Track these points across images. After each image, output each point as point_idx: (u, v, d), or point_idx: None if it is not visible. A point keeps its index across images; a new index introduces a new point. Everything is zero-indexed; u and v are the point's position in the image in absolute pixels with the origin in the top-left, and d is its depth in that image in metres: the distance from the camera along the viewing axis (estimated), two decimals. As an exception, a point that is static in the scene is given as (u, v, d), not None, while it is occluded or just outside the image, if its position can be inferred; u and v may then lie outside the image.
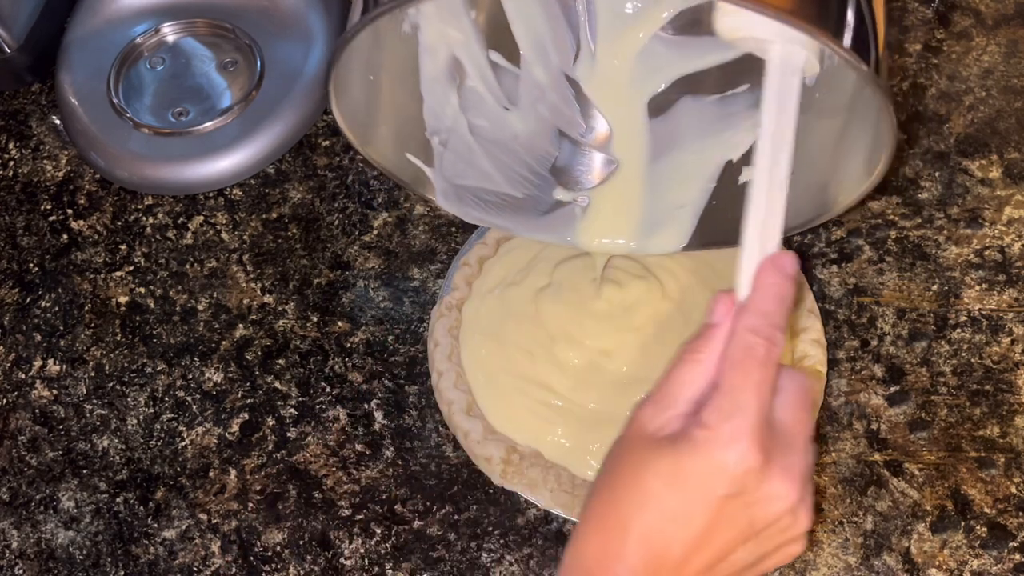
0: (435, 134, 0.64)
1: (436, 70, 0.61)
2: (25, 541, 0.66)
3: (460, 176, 0.66)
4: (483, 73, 0.62)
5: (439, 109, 0.63)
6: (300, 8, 0.82)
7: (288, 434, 0.68)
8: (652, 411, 0.47)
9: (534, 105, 0.64)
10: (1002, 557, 0.63)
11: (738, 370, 0.45)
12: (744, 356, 0.46)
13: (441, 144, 0.65)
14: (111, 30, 0.82)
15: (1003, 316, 0.71)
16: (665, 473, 0.45)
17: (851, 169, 0.58)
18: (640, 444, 0.46)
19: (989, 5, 0.83)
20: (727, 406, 0.45)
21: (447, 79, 0.62)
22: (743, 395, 0.44)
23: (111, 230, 0.77)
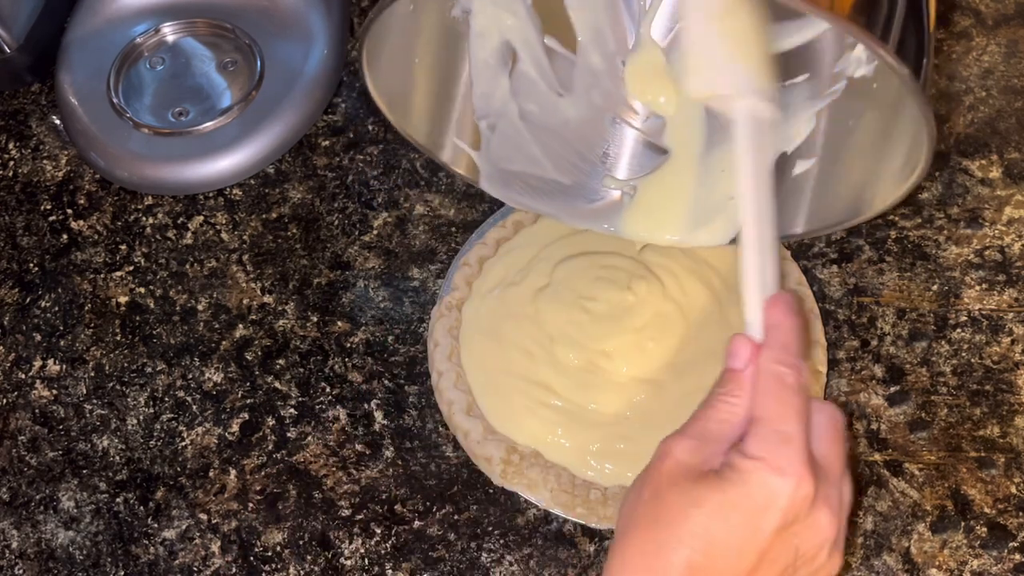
0: (483, 118, 0.64)
1: (488, 55, 0.61)
2: (25, 541, 0.66)
3: (507, 161, 0.66)
4: (537, 59, 0.62)
5: (489, 93, 0.63)
6: (300, 8, 0.82)
7: (288, 434, 0.68)
8: (692, 446, 0.46)
9: (588, 92, 0.64)
10: (1002, 557, 0.63)
11: (775, 400, 0.45)
12: (778, 386, 0.46)
13: (489, 128, 0.64)
14: (111, 30, 0.82)
15: (1003, 316, 0.71)
16: (714, 507, 0.44)
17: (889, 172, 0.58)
18: (683, 479, 0.45)
19: (989, 5, 0.83)
20: (772, 436, 0.44)
21: (499, 64, 0.62)
22: (787, 424, 0.44)
23: (111, 230, 0.77)
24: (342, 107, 0.81)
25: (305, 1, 0.82)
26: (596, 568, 0.63)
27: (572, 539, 0.64)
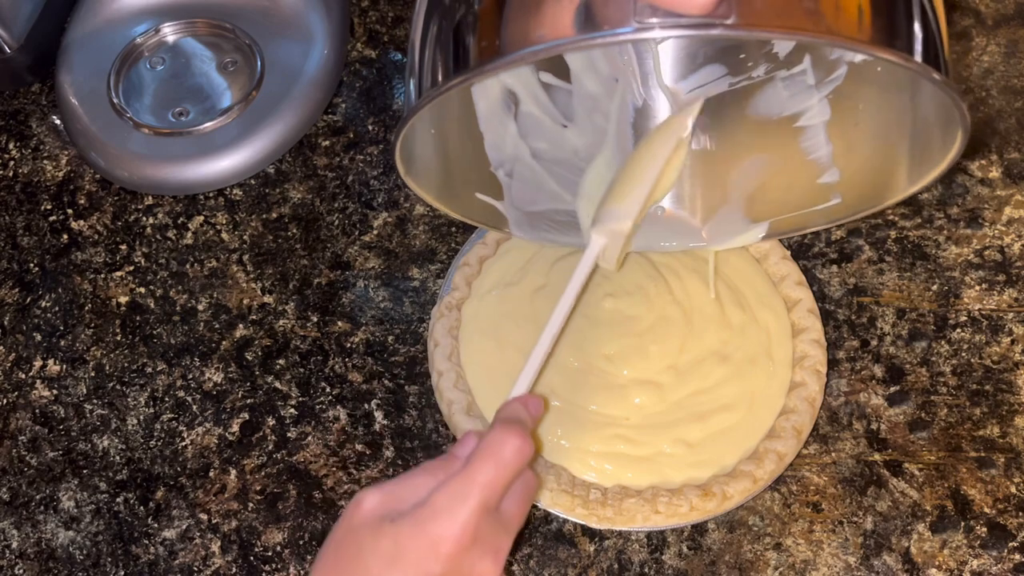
0: (500, 167, 0.65)
1: (490, 105, 0.62)
2: (25, 541, 0.66)
3: (531, 203, 0.67)
4: (536, 95, 0.63)
5: (499, 141, 0.64)
6: (300, 8, 0.82)
7: (288, 434, 0.68)
8: (381, 499, 0.49)
9: (590, 117, 0.64)
10: (1002, 557, 0.63)
11: (477, 463, 0.49)
12: (486, 451, 0.50)
13: (507, 175, 0.66)
14: (111, 30, 0.82)
15: (1003, 316, 0.71)
16: (385, 553, 0.48)
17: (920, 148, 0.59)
18: (364, 527, 0.49)
19: (989, 5, 0.83)
20: (452, 490, 0.48)
21: (503, 110, 0.63)
22: (470, 485, 0.48)
23: (111, 230, 0.77)
24: (342, 107, 0.81)
25: (305, 1, 0.82)
26: (596, 568, 0.64)
27: (572, 539, 0.64)
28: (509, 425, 0.51)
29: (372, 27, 0.85)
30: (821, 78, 0.61)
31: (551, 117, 0.64)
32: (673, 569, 0.63)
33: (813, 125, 0.64)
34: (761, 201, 0.68)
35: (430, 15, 0.51)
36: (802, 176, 0.66)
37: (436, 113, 0.59)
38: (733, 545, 0.64)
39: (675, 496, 0.63)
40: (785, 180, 0.67)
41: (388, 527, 0.48)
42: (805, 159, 0.65)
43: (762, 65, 0.62)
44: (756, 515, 0.65)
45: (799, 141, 0.65)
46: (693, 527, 0.64)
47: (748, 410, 0.66)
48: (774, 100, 0.64)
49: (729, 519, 0.64)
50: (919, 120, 0.58)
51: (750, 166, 0.67)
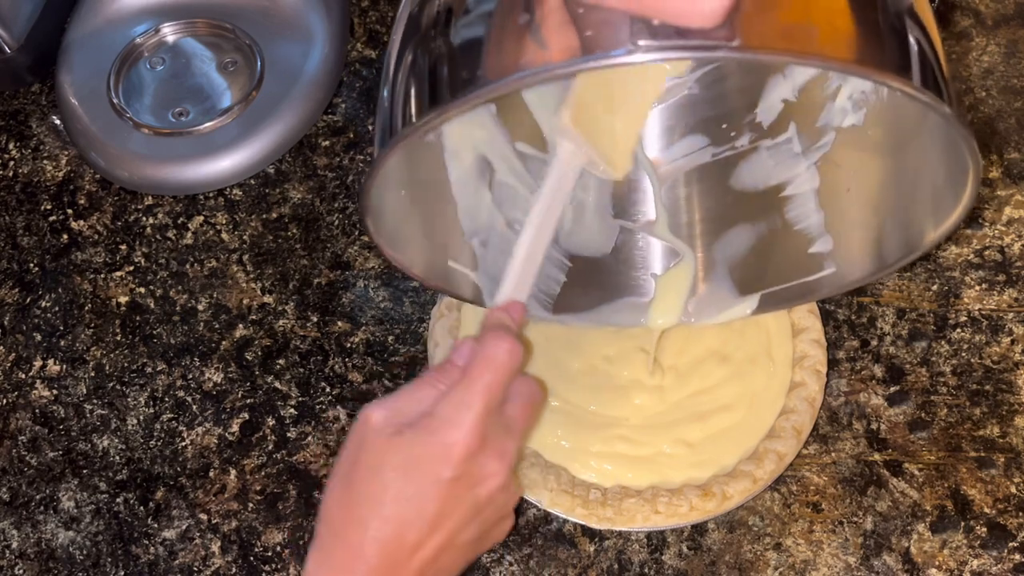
0: (474, 235, 0.63)
1: (464, 171, 0.60)
2: (25, 541, 0.66)
3: None
4: (512, 165, 0.61)
5: (473, 210, 0.62)
6: (300, 8, 0.82)
7: (288, 434, 0.68)
8: (386, 415, 0.51)
9: None
10: (1002, 557, 0.63)
11: (476, 370, 0.51)
12: (483, 360, 0.51)
13: (481, 245, 0.63)
14: (111, 30, 0.82)
15: (1003, 316, 0.71)
16: (399, 464, 0.49)
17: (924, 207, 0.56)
18: (375, 441, 0.50)
19: (989, 5, 0.83)
20: (456, 399, 0.50)
21: (477, 178, 0.61)
22: (472, 393, 0.50)
23: (111, 230, 0.77)
24: (342, 107, 0.81)
25: (305, 1, 0.82)
26: (596, 568, 0.63)
27: (572, 539, 0.64)
28: (497, 331, 0.52)
29: (372, 27, 0.85)
30: (808, 145, 0.60)
31: (527, 187, 0.62)
32: (673, 569, 0.63)
33: (802, 193, 0.62)
34: (750, 273, 0.65)
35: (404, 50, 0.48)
36: (792, 246, 0.63)
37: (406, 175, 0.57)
38: (733, 545, 0.64)
39: (675, 496, 0.63)
40: (774, 251, 0.65)
41: (398, 439, 0.50)
42: (794, 228, 0.63)
43: (746, 135, 0.61)
44: (756, 515, 0.65)
45: (787, 210, 0.63)
46: (693, 527, 0.64)
47: (748, 410, 0.66)
48: (759, 170, 0.62)
49: (729, 519, 0.64)
50: (918, 178, 0.55)
51: (735, 236, 0.65)
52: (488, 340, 0.52)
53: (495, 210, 0.62)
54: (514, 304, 0.56)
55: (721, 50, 0.39)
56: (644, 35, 0.40)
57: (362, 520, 0.49)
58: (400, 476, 0.49)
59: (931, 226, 0.55)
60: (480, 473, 0.50)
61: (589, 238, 0.66)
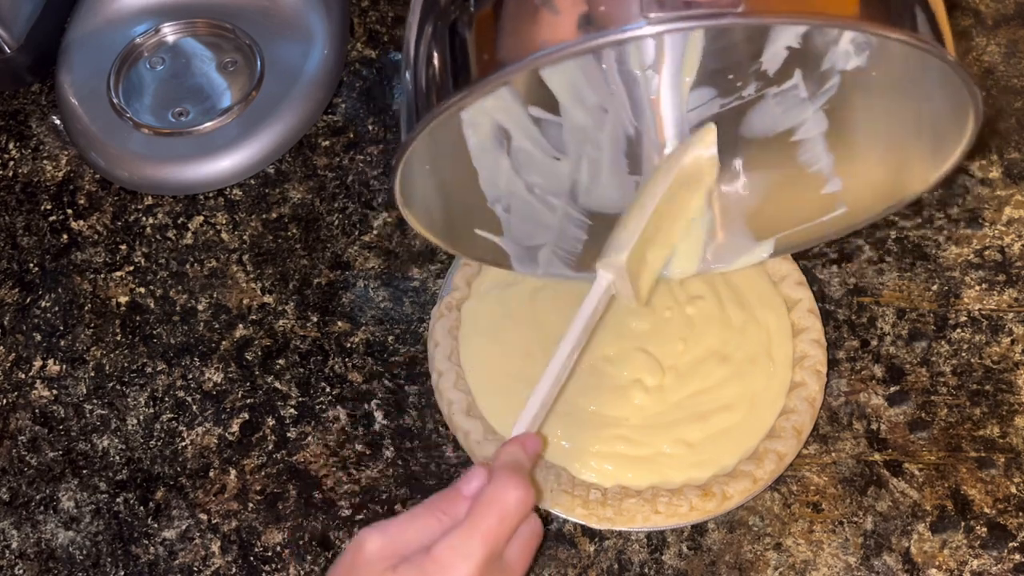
0: (496, 202, 0.64)
1: (482, 139, 0.61)
2: (25, 541, 0.66)
3: (529, 237, 0.66)
4: (527, 130, 0.62)
5: (494, 176, 0.63)
6: (300, 8, 0.82)
7: (288, 434, 0.68)
8: (382, 544, 0.49)
9: (581, 148, 0.64)
10: (1002, 557, 0.63)
11: (481, 514, 0.49)
12: (490, 504, 0.49)
13: (505, 211, 0.65)
14: (111, 30, 0.82)
15: (1003, 316, 0.71)
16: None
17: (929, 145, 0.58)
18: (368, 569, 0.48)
19: (989, 5, 0.83)
20: (458, 544, 0.48)
21: (495, 146, 0.62)
22: (474, 541, 0.48)
23: (111, 230, 0.77)
24: (342, 107, 0.81)
25: (305, 1, 0.82)
26: (596, 568, 0.63)
27: (572, 539, 0.64)
28: (511, 474, 0.50)
29: (372, 27, 0.85)
30: (814, 90, 0.61)
31: (543, 151, 0.63)
32: (673, 569, 0.63)
33: (811, 137, 0.63)
34: (764, 218, 0.67)
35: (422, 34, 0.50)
36: (804, 189, 0.65)
37: (430, 149, 0.58)
38: (733, 545, 0.64)
39: (675, 496, 0.63)
40: (787, 195, 0.66)
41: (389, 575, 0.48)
42: (805, 172, 0.65)
43: (752, 84, 0.62)
44: (756, 515, 0.65)
45: (797, 155, 0.64)
46: (693, 527, 0.64)
47: (748, 410, 0.66)
48: (768, 117, 0.63)
49: (729, 519, 0.64)
50: (921, 117, 0.57)
51: (749, 184, 0.67)
52: (499, 482, 0.50)
53: (515, 175, 0.64)
54: (530, 438, 0.55)
55: (727, 16, 0.42)
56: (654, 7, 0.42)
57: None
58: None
59: (934, 165, 0.57)
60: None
61: (607, 195, 0.67)
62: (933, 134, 0.57)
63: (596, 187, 0.66)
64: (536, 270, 0.67)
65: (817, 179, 0.64)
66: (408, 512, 0.51)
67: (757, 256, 0.68)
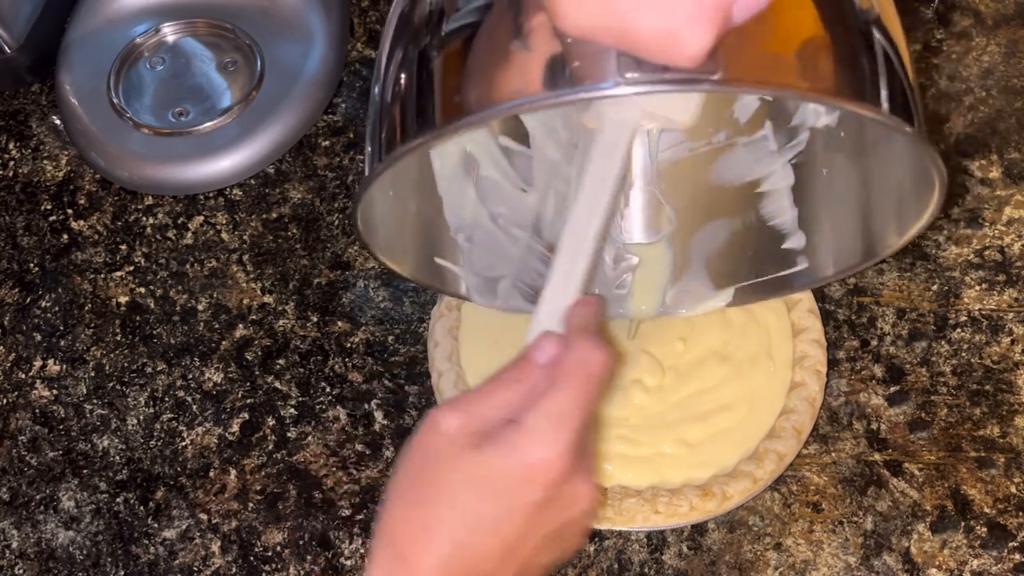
0: (459, 231, 0.64)
1: (449, 167, 0.61)
2: (25, 541, 0.66)
3: (490, 268, 0.65)
4: (496, 160, 0.61)
5: (458, 205, 0.63)
6: (300, 8, 0.82)
7: (288, 434, 0.68)
8: (460, 422, 0.45)
9: (550, 182, 0.63)
10: (1002, 557, 0.63)
11: (571, 378, 0.45)
12: (577, 368, 0.46)
13: (467, 240, 0.64)
14: (111, 30, 0.82)
15: (1003, 316, 0.71)
16: (477, 483, 0.44)
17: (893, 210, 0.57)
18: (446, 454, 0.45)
19: (989, 5, 0.83)
20: (552, 410, 0.44)
21: (462, 174, 0.61)
22: (571, 405, 0.45)
23: (111, 230, 0.77)
24: (342, 107, 0.81)
25: (305, 1, 0.82)
26: (596, 568, 0.63)
27: (572, 539, 0.64)
28: (590, 338, 0.46)
29: (372, 27, 0.85)
30: (783, 143, 0.61)
31: (511, 182, 0.62)
32: (673, 569, 0.63)
33: (777, 190, 0.63)
34: (724, 266, 0.67)
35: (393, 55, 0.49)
36: (766, 241, 0.65)
37: (394, 176, 0.57)
38: (733, 545, 0.64)
39: (675, 496, 0.63)
40: (748, 245, 0.66)
41: (475, 454, 0.44)
42: (768, 224, 0.64)
43: (723, 131, 0.62)
44: (756, 515, 0.65)
45: (762, 206, 0.64)
46: (693, 527, 0.64)
47: (748, 410, 0.66)
48: (736, 165, 0.63)
49: (729, 519, 0.64)
50: (888, 180, 0.57)
51: (711, 230, 0.66)
52: (580, 345, 0.46)
53: (479, 205, 0.63)
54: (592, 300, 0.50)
55: (704, 83, 0.41)
56: (631, 69, 0.41)
57: (431, 544, 0.44)
58: (479, 498, 0.44)
59: (895, 231, 0.57)
60: (572, 495, 0.45)
61: None
62: (899, 199, 0.56)
63: (561, 221, 0.65)
64: (495, 302, 0.66)
65: (780, 233, 0.64)
66: (477, 388, 0.47)
67: (715, 304, 0.67)
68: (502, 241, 0.65)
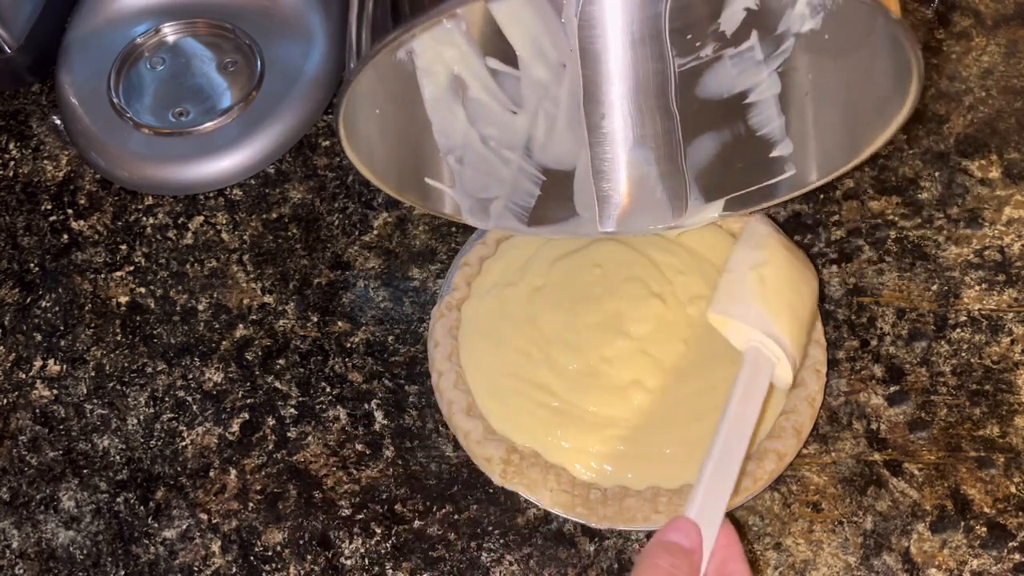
0: (449, 153, 0.64)
1: (438, 89, 0.62)
2: (25, 541, 0.66)
3: (483, 190, 0.66)
4: (484, 82, 0.62)
5: (448, 127, 0.63)
6: (300, 8, 0.82)
7: (288, 434, 0.68)
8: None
9: (540, 104, 0.64)
10: (1002, 557, 0.63)
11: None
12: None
13: (457, 161, 0.65)
14: (111, 30, 0.82)
15: (1003, 316, 0.71)
16: None
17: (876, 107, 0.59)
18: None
19: (989, 5, 0.83)
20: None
21: (450, 96, 0.62)
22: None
23: (111, 230, 0.77)
24: (342, 107, 0.81)
25: (305, 1, 0.82)
26: (596, 568, 0.64)
27: (572, 539, 0.64)
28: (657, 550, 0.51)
29: (372, 27, 0.85)
30: (769, 52, 0.62)
31: (500, 103, 0.63)
32: (673, 569, 0.63)
33: (763, 99, 0.64)
34: (715, 179, 0.68)
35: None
36: (754, 151, 0.66)
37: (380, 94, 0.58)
38: (733, 545, 0.64)
39: (675, 496, 0.63)
40: (738, 156, 0.67)
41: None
42: (756, 134, 0.66)
43: (710, 45, 0.62)
44: (756, 515, 0.65)
45: (749, 117, 0.65)
46: (693, 527, 0.64)
47: (748, 410, 0.66)
48: (723, 78, 0.64)
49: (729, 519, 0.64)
50: (870, 79, 0.59)
51: (700, 145, 0.68)
52: None
53: (469, 127, 0.64)
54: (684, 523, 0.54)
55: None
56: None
57: None
58: None
59: (881, 127, 0.59)
60: None
61: (561, 151, 0.68)
62: (880, 96, 0.58)
63: (551, 143, 0.67)
64: (487, 222, 0.68)
65: (768, 141, 0.66)
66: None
67: (707, 217, 0.69)
68: (493, 163, 0.66)
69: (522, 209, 0.67)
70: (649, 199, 0.69)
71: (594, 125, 0.67)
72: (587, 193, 0.68)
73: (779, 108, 0.64)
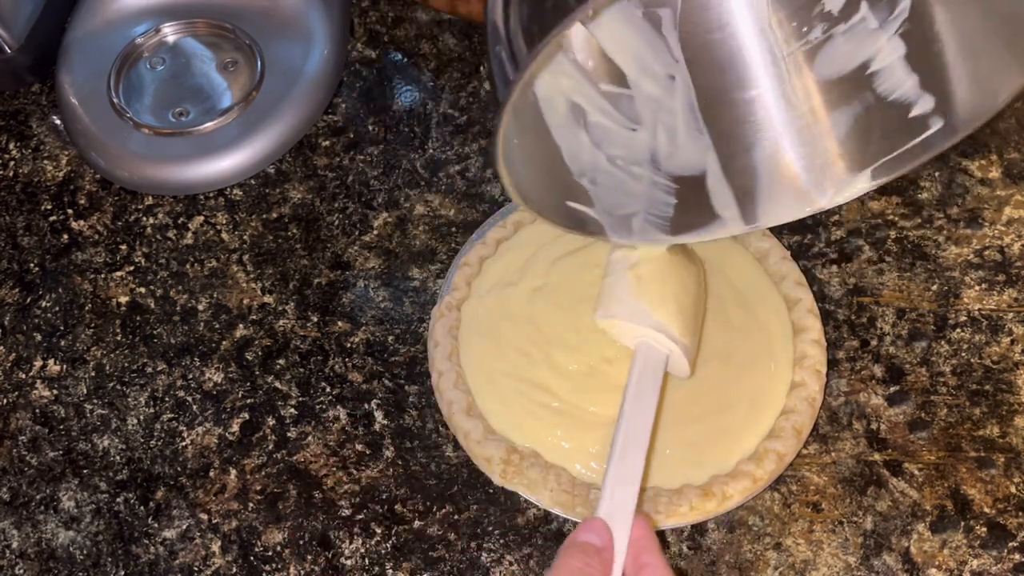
0: (582, 176, 0.65)
1: (560, 118, 0.63)
2: (25, 541, 0.66)
3: (620, 207, 0.66)
4: (600, 105, 0.63)
5: (576, 152, 0.64)
6: (300, 8, 0.82)
7: (288, 434, 0.68)
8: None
9: (656, 117, 0.64)
10: (1002, 557, 0.63)
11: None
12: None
13: (591, 183, 0.65)
14: (111, 30, 0.82)
15: (1003, 316, 0.71)
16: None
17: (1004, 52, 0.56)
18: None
19: (989, 5, 0.83)
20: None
21: (572, 122, 0.63)
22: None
23: (111, 230, 0.77)
24: (342, 107, 0.81)
25: (305, 1, 0.82)
26: (596, 568, 0.63)
27: (572, 539, 0.64)
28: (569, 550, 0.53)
29: (372, 27, 0.85)
30: (884, 18, 0.59)
31: (619, 124, 0.64)
32: (673, 569, 0.63)
33: (888, 65, 0.61)
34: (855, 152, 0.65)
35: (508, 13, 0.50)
36: (892, 116, 0.62)
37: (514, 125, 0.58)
38: (733, 545, 0.64)
39: (675, 496, 0.63)
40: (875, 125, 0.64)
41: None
42: (888, 100, 0.62)
43: (817, 27, 0.61)
44: (756, 515, 0.65)
45: (876, 85, 0.62)
46: (693, 527, 0.64)
47: (748, 410, 0.66)
48: (838, 57, 0.62)
49: (729, 519, 0.65)
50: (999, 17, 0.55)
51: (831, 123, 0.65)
52: None
53: (595, 149, 0.64)
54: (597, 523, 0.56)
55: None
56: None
57: None
58: None
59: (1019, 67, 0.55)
60: None
61: (687, 158, 0.67)
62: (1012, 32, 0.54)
63: (676, 152, 0.66)
64: (631, 237, 0.67)
65: (904, 103, 0.61)
66: None
67: (857, 190, 0.64)
68: (624, 180, 0.66)
69: (662, 219, 0.66)
70: (789, 187, 0.66)
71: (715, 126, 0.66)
72: (723, 194, 0.67)
73: (908, 68, 0.60)
